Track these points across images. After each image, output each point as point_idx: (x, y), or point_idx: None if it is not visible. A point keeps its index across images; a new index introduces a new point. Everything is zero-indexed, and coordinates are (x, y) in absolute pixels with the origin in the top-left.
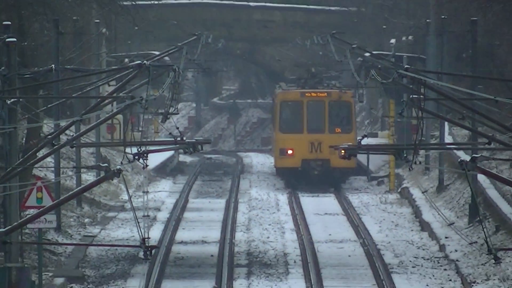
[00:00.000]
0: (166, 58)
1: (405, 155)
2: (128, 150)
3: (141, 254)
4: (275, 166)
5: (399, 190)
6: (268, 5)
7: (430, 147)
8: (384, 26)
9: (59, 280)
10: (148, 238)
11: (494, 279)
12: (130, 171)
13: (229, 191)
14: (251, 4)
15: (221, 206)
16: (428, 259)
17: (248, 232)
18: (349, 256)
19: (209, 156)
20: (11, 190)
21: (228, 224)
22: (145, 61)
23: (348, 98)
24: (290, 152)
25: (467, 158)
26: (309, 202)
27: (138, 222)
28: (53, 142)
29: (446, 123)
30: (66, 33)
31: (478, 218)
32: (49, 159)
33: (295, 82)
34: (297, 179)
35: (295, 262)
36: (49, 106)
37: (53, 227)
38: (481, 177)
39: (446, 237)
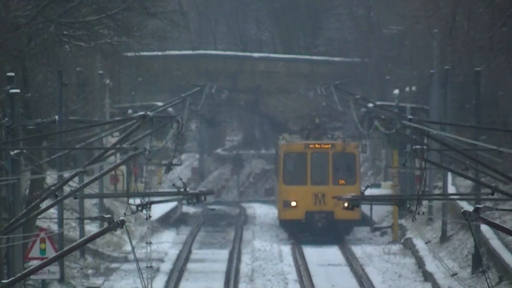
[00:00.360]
0: (170, 109)
1: (408, 205)
2: (131, 201)
3: None
4: (278, 218)
5: (403, 240)
6: (272, 56)
7: (433, 198)
8: (388, 77)
9: None
10: None
11: None
12: (133, 222)
13: (232, 241)
14: (255, 55)
15: (224, 257)
16: None
17: (251, 283)
18: None
19: (212, 207)
20: (14, 241)
21: (232, 275)
22: (148, 112)
23: (352, 149)
24: (294, 204)
25: (470, 208)
26: (312, 253)
27: (142, 273)
28: (57, 193)
29: (449, 173)
30: (69, 84)
31: (482, 269)
32: (52, 210)
33: (299, 133)
34: (301, 231)
35: None
36: (52, 157)
37: (56, 278)
38: (484, 228)
39: None
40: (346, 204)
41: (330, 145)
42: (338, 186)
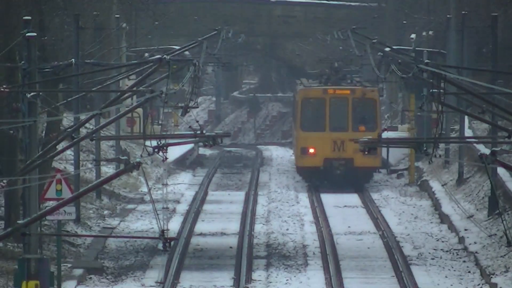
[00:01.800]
0: (186, 52)
1: (425, 148)
2: (147, 143)
3: (160, 246)
4: (296, 165)
5: (419, 183)
6: (289, 0)
7: (450, 141)
8: (405, 22)
9: (78, 272)
10: (167, 230)
11: None
12: (149, 164)
13: (248, 183)
14: None
15: (240, 199)
16: (447, 251)
17: (267, 224)
18: (368, 248)
19: (228, 149)
20: (30, 183)
21: (248, 216)
22: (165, 56)
23: (372, 95)
24: (311, 151)
25: (487, 151)
26: (329, 195)
27: (158, 214)
28: (73, 135)
29: (466, 117)
30: (86, 28)
31: (498, 211)
32: (68, 152)
33: (317, 78)
34: (319, 179)
35: (314, 254)
36: (69, 99)
37: (72, 219)
38: (500, 170)
39: (465, 230)
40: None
41: (349, 91)
42: (358, 133)
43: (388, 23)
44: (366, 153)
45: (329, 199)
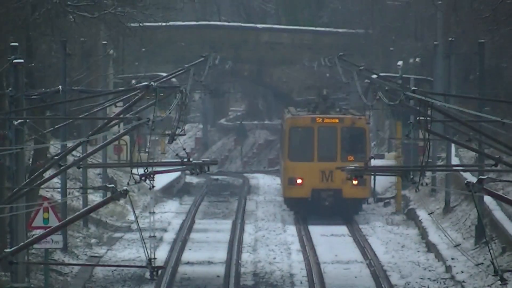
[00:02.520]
0: (173, 79)
1: (411, 176)
2: (134, 171)
3: (147, 275)
4: (283, 195)
5: (406, 211)
6: (276, 27)
7: (436, 169)
8: (392, 48)
9: None
10: (155, 258)
11: None
12: (136, 192)
13: (235, 212)
14: (258, 26)
15: (227, 227)
16: (434, 280)
17: (254, 253)
18: (356, 277)
19: (215, 177)
20: (17, 211)
21: (235, 245)
22: (152, 83)
23: (362, 124)
24: (299, 181)
25: (473, 179)
26: (315, 221)
27: (145, 243)
28: (60, 162)
29: (453, 145)
30: (73, 54)
31: (485, 240)
32: (55, 179)
33: (305, 106)
34: (307, 210)
35: (301, 282)
36: (56, 127)
37: (59, 247)
38: (487, 199)
39: (452, 258)
40: (354, 182)
41: (338, 119)
42: (347, 163)
43: (375, 49)
44: (354, 182)
45: (316, 228)
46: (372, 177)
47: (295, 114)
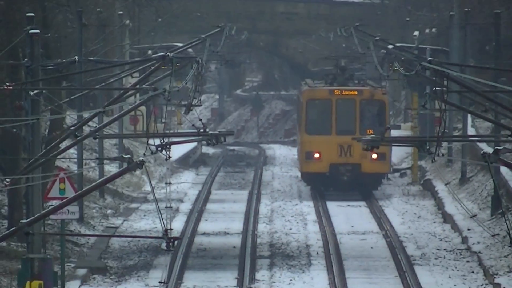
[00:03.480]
0: (190, 50)
1: (428, 147)
2: (151, 141)
3: (163, 245)
4: (300, 170)
5: (422, 182)
6: None
7: (453, 140)
8: (408, 19)
9: (82, 271)
10: (171, 229)
11: None
12: (153, 163)
13: (251, 182)
14: None
15: (243, 198)
16: (450, 251)
17: (270, 223)
18: (372, 247)
19: (232, 147)
20: (34, 181)
21: (251, 215)
22: (168, 53)
23: (381, 96)
24: (317, 155)
25: (489, 150)
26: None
27: (161, 214)
28: (76, 133)
29: (469, 115)
30: (89, 24)
31: (501, 210)
32: (72, 150)
33: (323, 78)
34: (325, 185)
35: (317, 253)
36: (72, 97)
37: (75, 218)
38: (503, 169)
39: (468, 229)
40: (374, 156)
41: (357, 91)
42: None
43: (391, 20)
44: (373, 156)
45: (331, 197)
46: (391, 151)
47: (312, 86)
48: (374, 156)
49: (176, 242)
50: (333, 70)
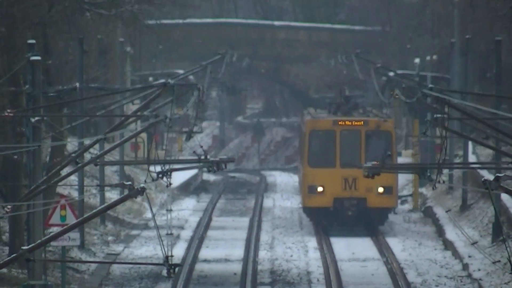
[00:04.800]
0: (191, 77)
1: (428, 174)
2: (152, 168)
3: (164, 272)
4: (302, 205)
5: (423, 209)
6: (293, 24)
7: (453, 167)
8: (409, 46)
9: None
10: (172, 256)
11: None
12: (154, 189)
13: (252, 209)
14: (275, 23)
15: (244, 225)
16: (451, 278)
17: (271, 250)
18: (372, 274)
19: (233, 174)
20: (35, 208)
21: (252, 242)
22: (169, 80)
23: (388, 127)
24: (320, 189)
25: (490, 177)
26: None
27: (162, 240)
28: (77, 160)
29: (470, 142)
30: (90, 51)
31: (502, 237)
32: (73, 177)
33: (326, 107)
34: (328, 220)
35: (318, 280)
36: (73, 124)
37: (76, 245)
38: (504, 196)
39: (469, 256)
40: (380, 190)
41: (362, 122)
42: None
43: (392, 47)
44: (380, 190)
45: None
46: (404, 190)
47: (315, 116)
48: (381, 189)
49: (177, 269)
50: (337, 98)
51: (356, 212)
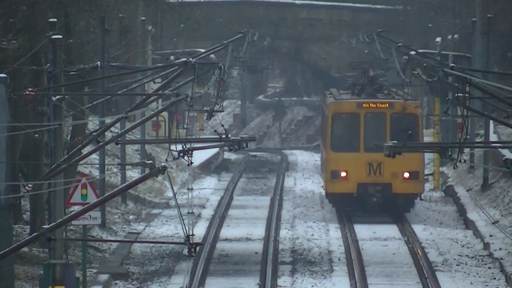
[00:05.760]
0: (212, 55)
1: (450, 153)
2: (173, 147)
3: (185, 251)
4: (325, 190)
5: (444, 188)
6: (314, 3)
7: (475, 146)
8: (430, 25)
9: (104, 277)
10: (193, 235)
11: None
12: (175, 168)
13: (273, 188)
14: (297, 2)
15: (265, 204)
16: (472, 257)
17: (292, 229)
18: (394, 254)
19: (254, 153)
20: (56, 187)
21: (273, 221)
22: (190, 59)
23: (414, 110)
24: (343, 174)
25: None
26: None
27: (183, 219)
28: (98, 139)
29: (491, 121)
30: (112, 30)
31: None
32: (94, 156)
33: (349, 88)
34: (352, 207)
35: (339, 259)
36: (94, 103)
37: (97, 224)
38: None
39: (490, 236)
40: (406, 175)
41: (387, 104)
42: (397, 155)
43: (413, 26)
44: (406, 175)
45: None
46: (425, 169)
47: (338, 98)
48: (406, 175)
49: (198, 248)
50: (360, 79)
51: (380, 198)
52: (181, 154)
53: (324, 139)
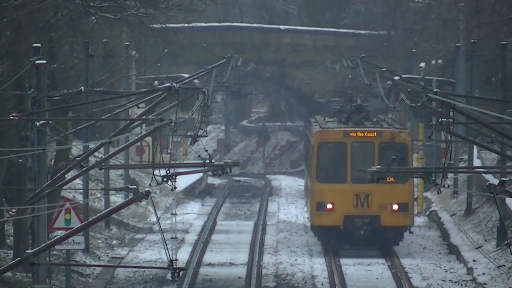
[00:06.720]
0: (196, 80)
1: (433, 178)
2: (156, 172)
3: (169, 276)
4: (310, 223)
5: (428, 213)
6: (298, 28)
7: (458, 171)
8: (414, 50)
9: None
10: (176, 260)
11: None
12: (158, 193)
13: (257, 213)
14: (281, 27)
15: (249, 229)
16: (455, 282)
17: (276, 254)
18: (377, 278)
19: (237, 178)
20: (39, 212)
21: (256, 246)
22: (174, 84)
23: (403, 139)
24: (329, 206)
25: (495, 181)
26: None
27: (166, 244)
28: (82, 164)
29: (475, 146)
30: (95, 55)
31: (506, 242)
32: (77, 181)
33: (335, 115)
34: (339, 240)
35: (322, 284)
36: (78, 128)
37: (81, 248)
38: (509, 201)
39: (474, 260)
40: (395, 207)
41: (376, 133)
42: (386, 185)
43: (397, 51)
44: (394, 207)
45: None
46: (414, 200)
47: (324, 127)
48: (395, 207)
49: (181, 273)
50: (347, 106)
51: (368, 231)
52: (165, 179)
53: (309, 168)
